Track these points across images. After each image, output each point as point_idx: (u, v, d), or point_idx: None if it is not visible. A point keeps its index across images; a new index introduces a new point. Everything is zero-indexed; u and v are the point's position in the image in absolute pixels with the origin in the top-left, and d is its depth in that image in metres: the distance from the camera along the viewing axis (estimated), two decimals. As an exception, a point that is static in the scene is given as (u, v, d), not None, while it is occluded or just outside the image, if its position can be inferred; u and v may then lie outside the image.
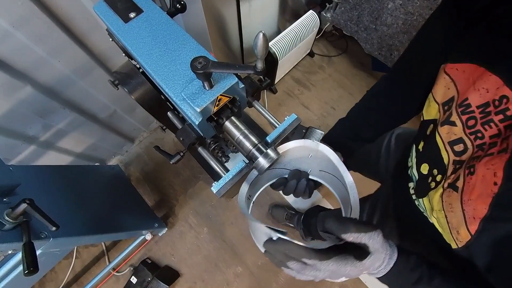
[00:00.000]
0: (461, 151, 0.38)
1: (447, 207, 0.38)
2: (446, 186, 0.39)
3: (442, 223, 0.40)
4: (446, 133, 0.40)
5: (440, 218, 0.40)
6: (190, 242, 1.38)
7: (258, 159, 0.47)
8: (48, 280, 1.32)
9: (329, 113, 1.68)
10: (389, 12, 1.32)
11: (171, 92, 0.50)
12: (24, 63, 0.84)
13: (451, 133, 0.39)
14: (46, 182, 0.94)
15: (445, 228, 0.40)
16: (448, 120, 0.40)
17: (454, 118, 0.39)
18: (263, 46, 0.36)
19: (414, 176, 0.49)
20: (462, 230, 0.36)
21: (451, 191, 0.38)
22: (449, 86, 0.41)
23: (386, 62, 1.56)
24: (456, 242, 0.38)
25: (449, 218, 0.38)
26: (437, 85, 0.44)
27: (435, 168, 0.43)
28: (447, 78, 0.41)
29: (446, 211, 0.38)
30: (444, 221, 0.39)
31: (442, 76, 0.42)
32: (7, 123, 0.92)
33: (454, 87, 0.41)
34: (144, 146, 1.58)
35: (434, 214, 0.42)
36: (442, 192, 0.40)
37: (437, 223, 0.42)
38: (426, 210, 0.45)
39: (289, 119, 0.57)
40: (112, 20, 0.56)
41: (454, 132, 0.39)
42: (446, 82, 0.41)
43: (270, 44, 1.35)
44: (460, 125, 0.38)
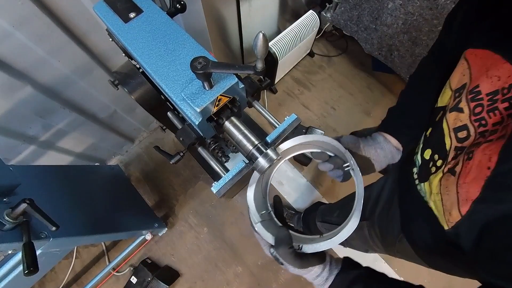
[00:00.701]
0: (463, 138, 0.39)
1: (444, 190, 0.40)
2: (445, 171, 0.40)
3: (438, 206, 0.42)
4: (453, 120, 0.41)
5: (437, 201, 0.42)
6: (190, 242, 1.38)
7: (258, 159, 0.47)
8: (48, 280, 1.32)
9: (329, 113, 1.68)
10: (389, 12, 1.32)
11: (171, 92, 0.50)
12: (24, 63, 0.84)
13: (458, 120, 0.40)
14: (46, 182, 0.94)
15: (439, 210, 0.42)
16: (457, 107, 0.40)
17: (463, 105, 0.39)
18: (263, 46, 0.36)
19: (418, 162, 0.50)
20: (454, 211, 0.38)
21: (449, 175, 0.39)
22: (464, 73, 0.42)
23: (386, 62, 1.56)
24: (448, 223, 0.40)
25: (444, 201, 0.40)
26: (455, 72, 0.44)
27: (436, 154, 0.44)
28: (465, 64, 0.42)
29: (443, 194, 0.40)
30: (440, 204, 0.41)
31: (462, 62, 0.43)
32: (7, 123, 0.92)
33: (468, 74, 0.41)
34: (144, 146, 1.58)
35: (432, 197, 0.44)
36: (442, 176, 0.41)
37: (434, 207, 0.44)
38: (426, 194, 0.46)
39: (289, 119, 0.57)
40: (112, 20, 0.57)
41: (460, 118, 0.39)
42: (464, 69, 0.42)
43: (270, 44, 1.35)
44: (467, 112, 0.39)
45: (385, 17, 1.35)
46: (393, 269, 1.32)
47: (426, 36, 1.28)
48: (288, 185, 1.49)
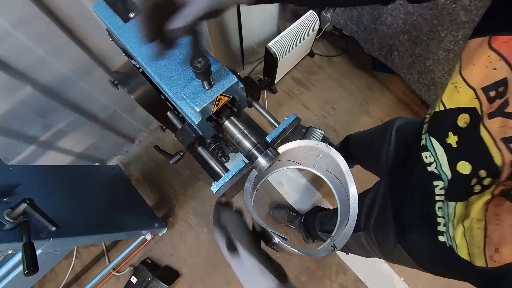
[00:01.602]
0: None
1: (491, 217, 0.32)
2: (497, 193, 0.32)
3: (474, 234, 0.34)
4: (500, 127, 0.32)
5: (475, 229, 0.34)
6: (190, 242, 1.38)
7: (258, 159, 0.47)
8: (48, 280, 1.32)
9: (329, 113, 1.68)
10: (389, 12, 1.32)
11: (171, 91, 0.50)
12: (24, 63, 0.84)
13: (507, 128, 0.32)
14: (46, 182, 0.94)
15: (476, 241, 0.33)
16: (502, 111, 0.32)
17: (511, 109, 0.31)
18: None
19: (445, 175, 0.41)
20: (506, 250, 0.30)
21: (503, 200, 0.31)
22: (495, 66, 0.33)
23: (386, 62, 1.56)
24: (488, 260, 0.32)
25: (489, 231, 0.32)
26: (473, 66, 0.36)
27: (482, 169, 0.35)
28: (493, 56, 0.33)
29: (489, 223, 0.32)
30: (479, 234, 0.33)
31: (485, 54, 0.34)
32: (7, 123, 0.92)
33: (505, 66, 0.32)
34: (144, 146, 1.58)
35: (466, 222, 0.35)
36: (490, 199, 0.33)
37: (461, 235, 0.36)
38: (454, 216, 0.38)
39: (289, 119, 0.57)
40: (112, 20, 0.57)
41: (511, 126, 0.31)
42: (491, 61, 0.34)
43: (270, 44, 1.35)
44: None
45: (385, 17, 1.35)
46: (393, 269, 1.32)
47: (426, 36, 1.28)
48: (288, 185, 1.49)
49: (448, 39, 1.21)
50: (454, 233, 0.38)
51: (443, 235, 0.41)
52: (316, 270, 1.33)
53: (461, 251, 0.36)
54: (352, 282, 1.31)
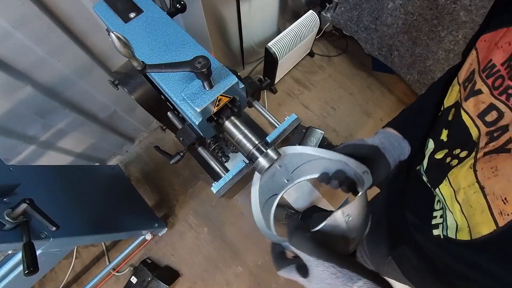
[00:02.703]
0: (495, 120, 0.33)
1: (486, 173, 0.32)
2: (480, 156, 0.34)
3: (472, 201, 0.33)
4: (474, 106, 0.36)
5: (471, 195, 0.33)
6: (190, 242, 1.38)
7: (258, 159, 0.47)
8: (48, 280, 1.32)
9: (329, 113, 1.68)
10: (389, 12, 1.32)
11: (171, 92, 0.50)
12: (24, 63, 0.84)
13: (479, 103, 0.35)
14: (46, 182, 0.94)
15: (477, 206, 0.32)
16: (473, 91, 0.37)
17: (479, 86, 0.36)
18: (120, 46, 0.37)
19: (423, 167, 0.45)
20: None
21: (495, 155, 0.32)
22: (472, 62, 0.39)
23: (386, 62, 1.56)
24: (498, 218, 0.29)
25: (489, 188, 0.31)
26: (463, 66, 0.42)
27: (456, 149, 0.38)
28: (474, 54, 0.39)
29: (484, 179, 0.32)
30: (478, 196, 0.32)
31: (471, 53, 0.40)
32: (7, 123, 0.92)
33: (476, 60, 0.38)
34: (144, 146, 1.58)
35: (459, 195, 0.35)
36: (474, 162, 0.34)
37: (459, 212, 0.35)
38: (445, 199, 0.39)
39: (289, 119, 0.57)
40: (112, 20, 0.57)
41: (481, 100, 0.35)
42: (472, 59, 0.39)
43: (270, 44, 1.35)
44: (487, 90, 0.35)
45: (385, 17, 1.35)
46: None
47: (426, 36, 1.28)
48: (288, 185, 1.49)
49: (448, 39, 1.21)
50: (453, 217, 0.37)
51: (438, 228, 0.41)
52: (316, 270, 1.33)
53: (462, 232, 0.35)
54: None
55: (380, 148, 0.49)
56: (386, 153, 0.49)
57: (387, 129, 0.54)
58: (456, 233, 0.36)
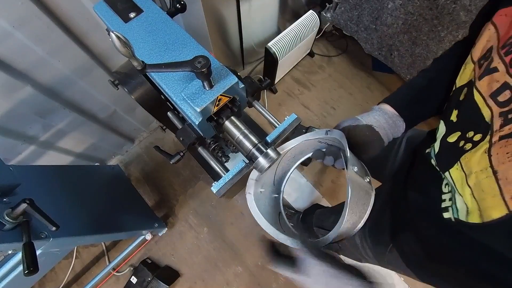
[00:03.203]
0: (508, 99, 0.32)
1: (500, 158, 0.32)
2: (496, 140, 0.33)
3: (484, 185, 0.33)
4: (487, 85, 0.35)
5: (483, 180, 0.33)
6: (190, 242, 1.38)
7: (258, 159, 0.47)
8: (48, 280, 1.32)
9: (329, 113, 1.68)
10: (389, 12, 1.32)
11: (171, 92, 0.50)
12: (24, 63, 0.84)
13: (493, 82, 0.34)
14: (46, 182, 0.94)
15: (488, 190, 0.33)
16: (488, 69, 0.35)
17: (496, 63, 0.34)
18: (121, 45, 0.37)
19: (434, 151, 0.44)
20: None
21: (510, 140, 0.31)
22: (490, 38, 0.37)
23: (386, 62, 1.56)
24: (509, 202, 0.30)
25: (501, 173, 0.31)
26: (478, 43, 0.40)
27: (469, 131, 0.37)
28: (492, 29, 0.37)
29: (498, 164, 0.32)
30: (490, 181, 0.32)
31: (487, 29, 0.38)
32: (7, 123, 0.92)
33: (495, 36, 0.36)
34: (144, 146, 1.58)
35: (471, 180, 0.35)
36: (489, 147, 0.33)
37: (469, 196, 0.35)
38: (455, 183, 0.38)
39: (289, 119, 0.57)
40: (112, 20, 0.57)
41: (496, 79, 0.34)
42: (490, 35, 0.37)
43: (270, 44, 1.35)
44: (503, 68, 0.33)
45: (385, 17, 1.35)
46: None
47: (426, 36, 1.28)
48: (288, 184, 1.48)
49: (448, 39, 1.21)
50: (463, 200, 0.37)
51: (448, 211, 0.40)
52: (316, 270, 1.33)
53: (472, 215, 0.35)
54: (352, 282, 1.31)
55: (374, 127, 0.49)
56: (380, 131, 0.49)
57: (384, 106, 0.53)
58: (467, 216, 0.36)
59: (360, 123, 0.50)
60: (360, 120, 0.50)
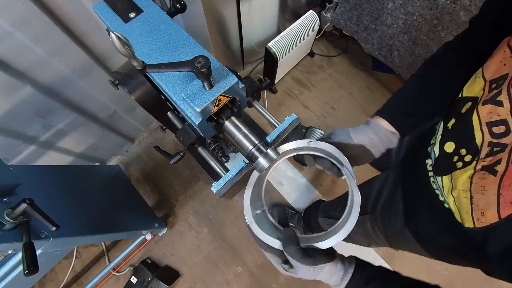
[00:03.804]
0: (501, 133, 0.35)
1: (476, 188, 0.37)
2: (479, 168, 0.37)
3: (462, 202, 0.39)
4: (487, 113, 0.37)
5: (462, 198, 0.39)
6: (190, 242, 1.38)
7: (258, 159, 0.47)
8: (48, 280, 1.32)
9: (329, 113, 1.68)
10: (389, 12, 1.32)
11: (171, 92, 0.50)
12: (24, 63, 0.84)
13: (494, 113, 0.36)
14: (46, 182, 0.94)
15: (464, 207, 0.39)
16: (494, 99, 0.37)
17: (502, 98, 0.36)
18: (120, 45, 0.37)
19: (434, 153, 0.47)
20: (490, 213, 0.35)
21: (486, 174, 0.36)
22: (506, 62, 0.38)
23: (386, 62, 1.56)
24: (475, 222, 0.37)
25: (475, 200, 0.37)
26: (492, 60, 0.40)
27: (463, 148, 0.41)
28: (507, 52, 0.38)
29: (474, 192, 0.37)
30: (466, 201, 0.39)
31: (503, 49, 0.39)
32: (7, 123, 0.92)
33: (510, 64, 0.37)
34: (144, 146, 1.58)
35: (454, 193, 0.41)
36: (473, 173, 0.38)
37: (452, 203, 0.41)
38: (443, 188, 0.44)
39: (289, 119, 0.57)
40: (112, 20, 0.56)
41: (498, 112, 0.36)
42: (505, 57, 0.38)
43: (270, 44, 1.35)
44: (508, 106, 0.35)
45: (385, 17, 1.35)
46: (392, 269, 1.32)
47: (426, 36, 1.28)
48: (288, 185, 1.49)
49: (448, 39, 1.21)
50: (448, 201, 0.44)
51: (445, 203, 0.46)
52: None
53: (456, 215, 0.43)
54: (352, 282, 1.31)
55: (366, 146, 0.50)
56: (372, 150, 0.51)
57: (380, 121, 0.54)
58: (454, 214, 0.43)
59: (351, 142, 0.51)
60: (352, 139, 0.51)
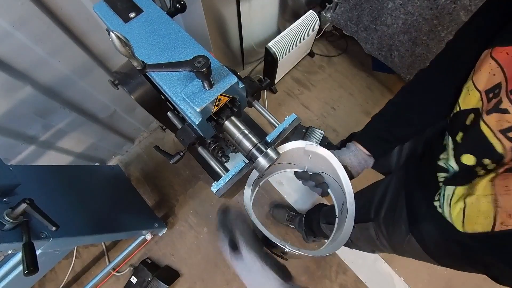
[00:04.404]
0: None
1: (500, 190, 0.38)
2: (502, 171, 0.38)
3: (480, 208, 0.40)
4: (496, 121, 0.39)
5: (481, 203, 0.40)
6: (190, 242, 1.38)
7: (258, 159, 0.47)
8: (48, 280, 1.32)
9: (329, 113, 1.68)
10: (389, 12, 1.32)
11: (171, 92, 0.50)
12: (24, 63, 0.84)
13: (503, 121, 0.38)
14: (46, 182, 0.94)
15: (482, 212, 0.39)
16: (498, 108, 0.39)
17: (506, 105, 0.38)
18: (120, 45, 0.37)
19: (451, 168, 0.48)
20: None
21: (510, 174, 0.37)
22: (494, 72, 0.40)
23: (386, 62, 1.56)
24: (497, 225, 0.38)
25: (501, 202, 0.38)
26: (480, 72, 0.43)
27: (485, 158, 0.42)
28: (493, 64, 0.40)
29: (499, 194, 0.38)
30: (487, 206, 0.39)
31: (487, 61, 0.41)
32: (7, 123, 0.92)
33: (501, 73, 0.40)
34: (144, 146, 1.58)
35: (469, 199, 0.41)
36: (494, 176, 0.39)
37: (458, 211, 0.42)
38: (452, 196, 0.45)
39: (289, 119, 0.57)
40: (112, 20, 0.57)
41: (507, 119, 0.38)
42: (492, 68, 0.41)
43: (270, 44, 1.35)
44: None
45: (385, 17, 1.35)
46: (393, 269, 1.33)
47: (426, 36, 1.28)
48: (288, 185, 1.49)
49: (448, 39, 1.21)
50: (450, 211, 0.45)
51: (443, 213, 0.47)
52: (316, 270, 1.33)
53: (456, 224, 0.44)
54: (352, 282, 1.31)
55: (348, 167, 0.57)
56: (352, 171, 0.58)
57: (358, 146, 0.60)
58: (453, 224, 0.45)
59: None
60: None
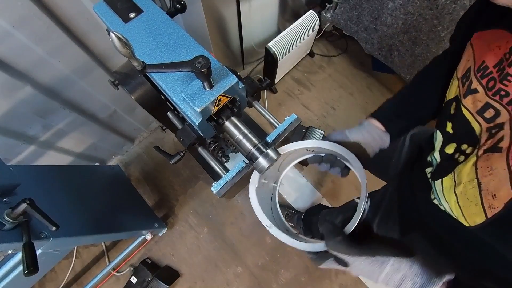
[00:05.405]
0: (493, 116, 0.36)
1: (483, 172, 0.36)
2: (481, 153, 0.37)
3: (469, 195, 0.37)
4: (471, 103, 0.39)
5: (469, 190, 0.37)
6: (190, 242, 1.38)
7: (258, 159, 0.47)
8: (48, 280, 1.32)
9: (329, 113, 1.68)
10: (389, 12, 1.32)
11: (171, 92, 0.50)
12: (24, 63, 0.84)
13: (476, 101, 0.38)
14: (46, 182, 0.94)
15: (472, 200, 0.37)
16: (470, 89, 0.39)
17: (475, 85, 0.38)
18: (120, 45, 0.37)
19: (435, 160, 0.48)
20: (503, 191, 0.33)
21: (491, 154, 0.35)
22: (469, 58, 0.41)
23: (386, 62, 1.56)
24: (487, 211, 0.35)
25: (484, 184, 0.35)
26: (461, 61, 0.44)
27: (464, 143, 0.41)
28: (470, 50, 0.41)
29: (482, 177, 0.36)
30: (474, 192, 0.37)
31: (468, 49, 0.42)
32: (7, 123, 0.92)
33: (472, 57, 0.40)
34: (144, 146, 1.58)
35: (458, 189, 0.39)
36: (476, 160, 0.37)
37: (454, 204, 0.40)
38: (443, 191, 0.43)
39: (289, 119, 0.57)
40: (112, 20, 0.57)
41: (478, 99, 0.38)
42: (468, 54, 0.41)
43: (270, 44, 1.35)
44: (482, 90, 0.37)
45: (385, 17, 1.35)
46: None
47: (426, 36, 1.28)
48: (288, 185, 1.49)
49: (448, 39, 1.21)
50: (448, 205, 0.42)
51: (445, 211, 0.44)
52: (316, 270, 1.33)
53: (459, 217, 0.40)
54: (352, 282, 1.31)
55: (362, 144, 0.53)
56: (367, 148, 0.53)
57: (372, 121, 0.57)
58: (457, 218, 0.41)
59: (348, 140, 0.53)
60: (348, 137, 0.54)
